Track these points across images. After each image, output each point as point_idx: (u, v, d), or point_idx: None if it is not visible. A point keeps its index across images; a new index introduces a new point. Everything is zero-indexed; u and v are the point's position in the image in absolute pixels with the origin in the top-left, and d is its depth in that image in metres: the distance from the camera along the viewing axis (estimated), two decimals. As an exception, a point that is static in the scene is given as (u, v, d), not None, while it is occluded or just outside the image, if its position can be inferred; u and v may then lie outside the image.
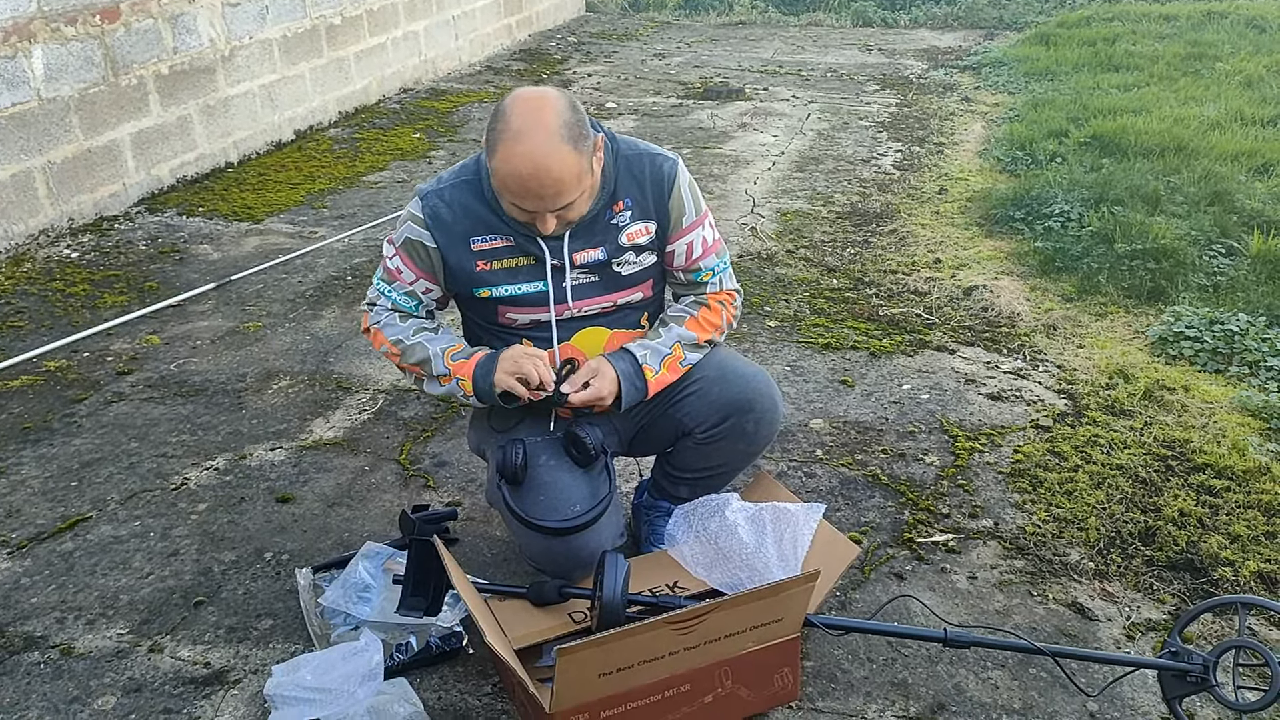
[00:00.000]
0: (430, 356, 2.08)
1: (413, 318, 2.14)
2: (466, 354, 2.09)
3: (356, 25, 6.33)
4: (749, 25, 9.84)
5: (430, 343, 2.10)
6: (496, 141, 1.86)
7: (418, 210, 2.06)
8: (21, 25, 4.11)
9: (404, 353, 2.11)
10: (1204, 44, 7.64)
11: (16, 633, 2.19)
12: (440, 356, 2.08)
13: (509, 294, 2.07)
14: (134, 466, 2.80)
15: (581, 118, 1.90)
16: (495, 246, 2.04)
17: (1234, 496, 2.63)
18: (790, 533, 2.10)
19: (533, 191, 1.87)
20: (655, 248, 2.12)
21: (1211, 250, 4.10)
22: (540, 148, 1.83)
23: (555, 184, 1.87)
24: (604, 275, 2.09)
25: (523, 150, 1.83)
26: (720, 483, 2.32)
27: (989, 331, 3.59)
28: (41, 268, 4.09)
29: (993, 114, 6.49)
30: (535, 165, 1.84)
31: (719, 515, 2.15)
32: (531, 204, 1.90)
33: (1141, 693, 2.05)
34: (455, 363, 2.07)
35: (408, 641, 2.08)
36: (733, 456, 2.23)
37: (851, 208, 4.86)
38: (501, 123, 1.86)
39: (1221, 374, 3.27)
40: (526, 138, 1.84)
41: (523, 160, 1.84)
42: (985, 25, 9.63)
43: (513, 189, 1.88)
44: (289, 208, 4.82)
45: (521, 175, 1.85)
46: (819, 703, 2.02)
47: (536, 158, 1.84)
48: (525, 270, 2.05)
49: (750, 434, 2.17)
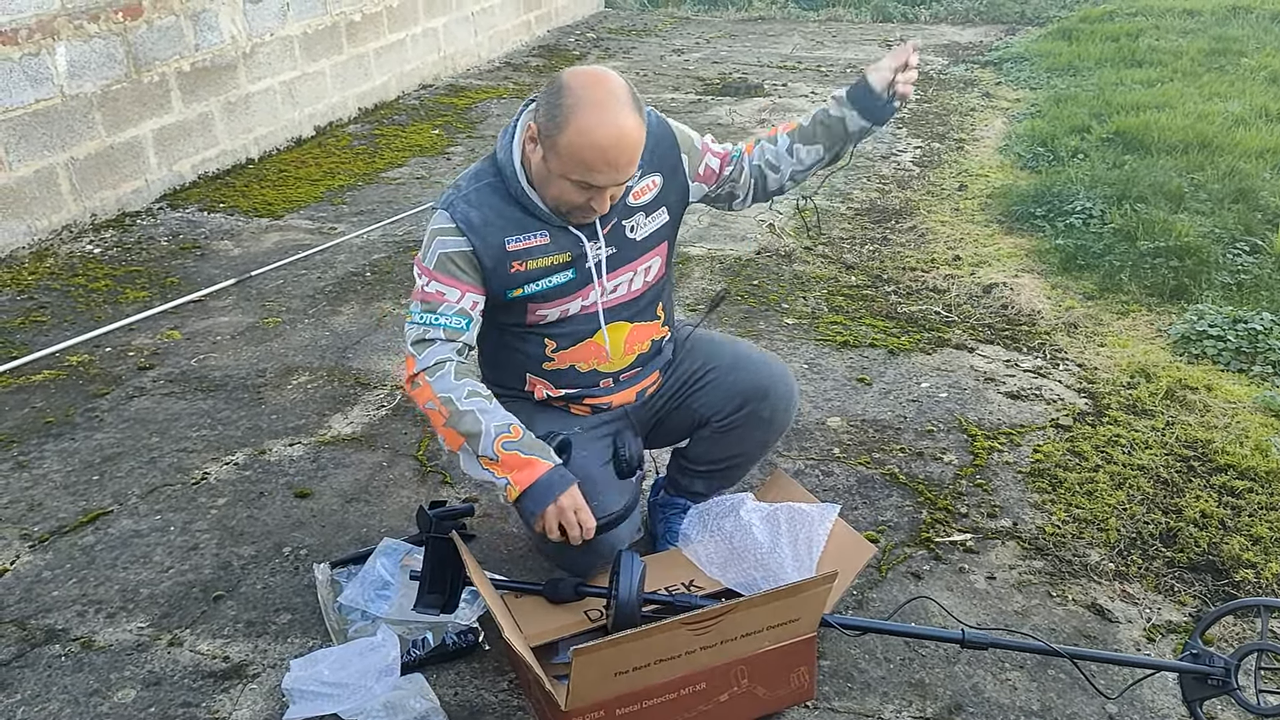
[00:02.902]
0: (481, 433, 1.91)
1: (466, 376, 1.97)
2: (521, 448, 1.92)
3: (376, 22, 6.35)
4: (768, 20, 9.80)
5: (484, 417, 1.92)
6: (569, 114, 1.79)
7: (446, 222, 1.97)
8: (45, 22, 4.14)
9: (452, 415, 1.93)
10: (1228, 39, 7.55)
11: (38, 625, 2.21)
12: (491, 439, 1.91)
13: (540, 289, 2.03)
14: (155, 461, 2.82)
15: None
16: (531, 245, 1.99)
17: (1256, 498, 2.60)
18: (805, 533, 2.09)
19: (612, 162, 1.82)
20: (664, 201, 2.09)
21: (1235, 248, 4.05)
22: (620, 115, 1.80)
23: (632, 152, 1.84)
24: (620, 243, 2.06)
25: (604, 119, 1.79)
26: (736, 474, 2.32)
27: (1009, 329, 3.57)
28: (64, 263, 4.13)
29: (1014, 110, 6.45)
30: (619, 133, 1.80)
31: (734, 515, 2.15)
32: (606, 176, 1.84)
33: (1161, 695, 2.03)
34: (507, 454, 1.90)
35: (424, 637, 2.09)
36: (749, 445, 2.23)
37: (870, 204, 4.84)
38: (569, 97, 1.80)
39: (1244, 374, 3.24)
40: (605, 107, 1.79)
41: (606, 129, 1.79)
42: (1007, 20, 9.55)
43: (591, 161, 1.81)
44: (309, 204, 4.84)
45: (603, 146, 1.80)
46: (835, 702, 2.01)
47: (619, 125, 1.80)
48: (557, 265, 2.02)
49: (767, 420, 2.17)
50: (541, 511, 1.91)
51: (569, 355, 2.12)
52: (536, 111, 1.88)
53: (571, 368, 2.14)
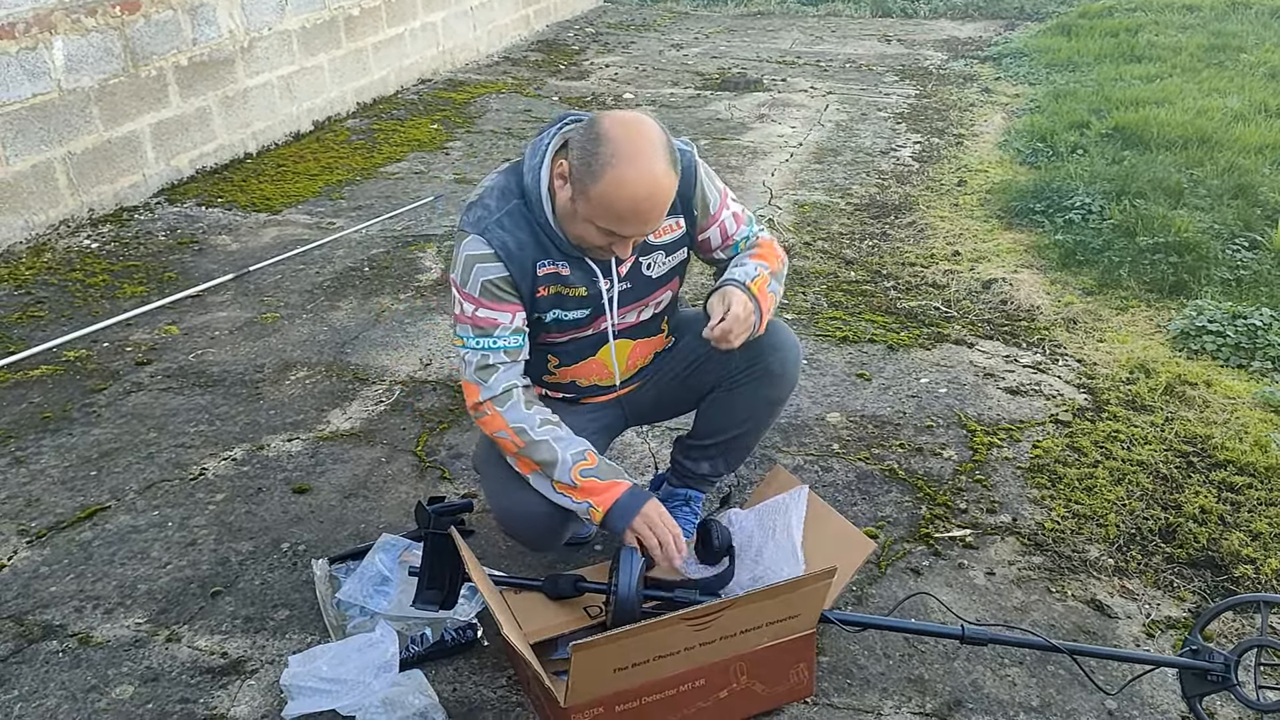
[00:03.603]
0: (558, 462, 1.95)
1: (536, 404, 2.00)
2: (598, 474, 1.96)
3: (375, 16, 6.33)
4: (767, 15, 9.78)
5: (559, 446, 1.96)
6: (604, 165, 1.78)
7: (483, 248, 1.95)
8: (43, 16, 4.13)
9: (527, 445, 1.96)
10: (1228, 35, 7.54)
11: (35, 621, 2.21)
12: (569, 467, 1.95)
13: (555, 318, 2.05)
14: (152, 456, 2.81)
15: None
16: (556, 272, 2.00)
17: (1256, 494, 2.60)
18: (782, 523, 2.12)
19: (643, 215, 1.82)
20: (684, 243, 2.12)
21: (1234, 244, 4.05)
22: (654, 168, 1.79)
23: (662, 206, 1.85)
24: (636, 280, 2.08)
25: (639, 173, 1.78)
26: (743, 446, 2.31)
27: (1008, 325, 3.56)
28: (62, 258, 4.12)
29: (1013, 105, 6.44)
30: (652, 188, 1.80)
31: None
32: (634, 228, 1.85)
33: (1161, 691, 2.03)
34: (586, 480, 1.95)
35: (423, 633, 2.09)
36: (758, 406, 2.22)
37: (869, 199, 4.83)
38: (607, 146, 1.78)
39: (1244, 369, 3.24)
40: (642, 159, 1.78)
41: (640, 185, 1.78)
42: (1006, 15, 9.54)
43: (622, 213, 1.81)
44: (307, 199, 4.83)
45: (636, 199, 1.80)
46: (835, 698, 2.01)
47: (653, 180, 1.80)
48: (573, 298, 2.03)
49: (777, 375, 2.17)
50: (627, 527, 1.95)
51: (570, 372, 2.15)
52: (571, 152, 1.86)
53: (573, 382, 2.18)
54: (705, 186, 2.08)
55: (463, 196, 4.75)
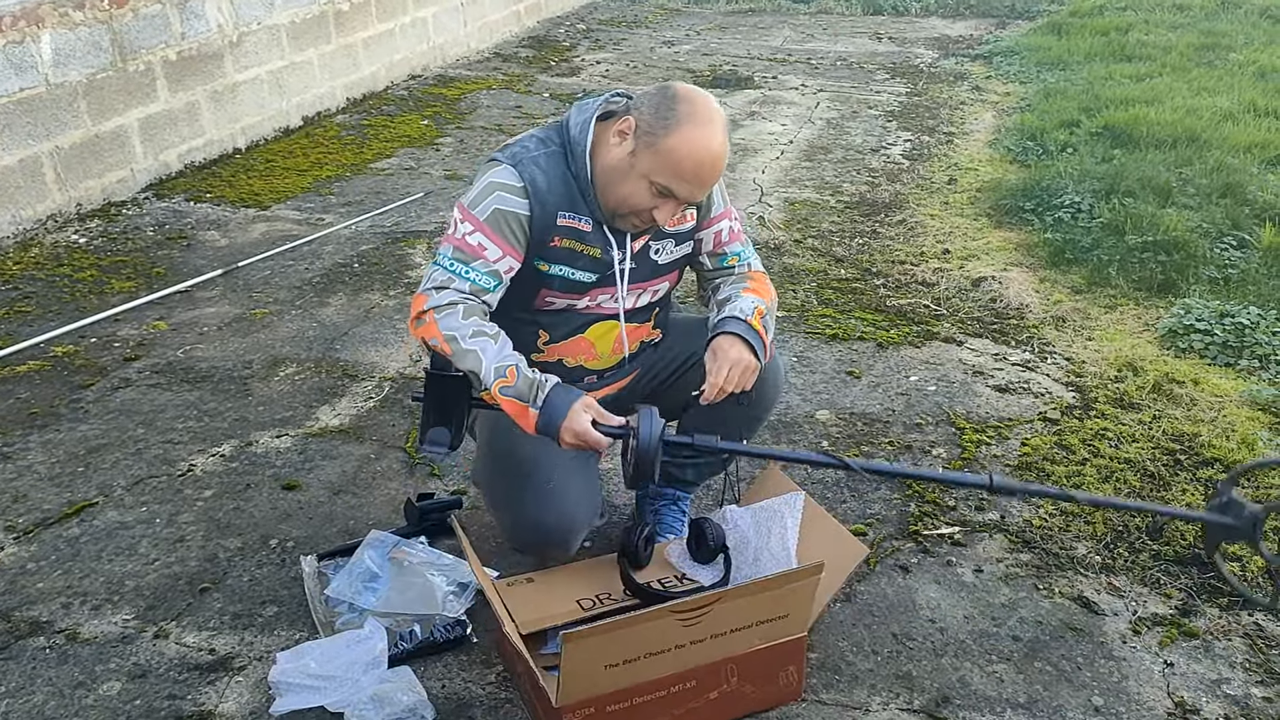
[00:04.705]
0: (480, 374, 1.88)
1: (474, 315, 1.92)
2: (518, 395, 1.88)
3: (365, 11, 6.31)
4: (758, 13, 9.78)
5: (485, 357, 1.88)
6: (680, 121, 1.85)
7: (512, 179, 1.94)
8: (30, 10, 4.10)
9: (455, 355, 1.90)
10: (1217, 34, 7.57)
11: (22, 617, 2.20)
12: (491, 382, 1.88)
13: (561, 275, 2.03)
14: (140, 453, 2.80)
15: None
16: (577, 227, 1.99)
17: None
18: (778, 528, 2.12)
19: (702, 178, 1.89)
20: (691, 236, 2.14)
21: (1223, 243, 4.07)
22: (720, 137, 1.88)
23: (717, 177, 1.92)
24: (643, 263, 2.08)
25: (711, 136, 1.86)
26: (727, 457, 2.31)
27: (997, 323, 3.57)
28: (49, 253, 4.09)
29: (1003, 103, 6.45)
30: (717, 154, 1.88)
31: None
32: (687, 190, 1.89)
33: (1147, 688, 2.04)
34: (506, 399, 1.88)
35: (412, 630, 2.09)
36: (738, 424, 2.21)
37: (860, 197, 4.84)
38: (683, 105, 1.87)
39: (1231, 367, 3.25)
40: (714, 125, 1.87)
41: (709, 146, 1.86)
42: (997, 14, 9.56)
43: (684, 170, 1.87)
44: (296, 194, 4.81)
45: (701, 160, 1.86)
46: (823, 695, 2.01)
47: (720, 147, 1.88)
48: (586, 257, 2.03)
49: (755, 399, 2.16)
50: (559, 439, 1.88)
51: (559, 349, 2.13)
52: (639, 110, 1.91)
53: (560, 362, 2.15)
54: (717, 189, 2.13)
55: (453, 193, 4.74)
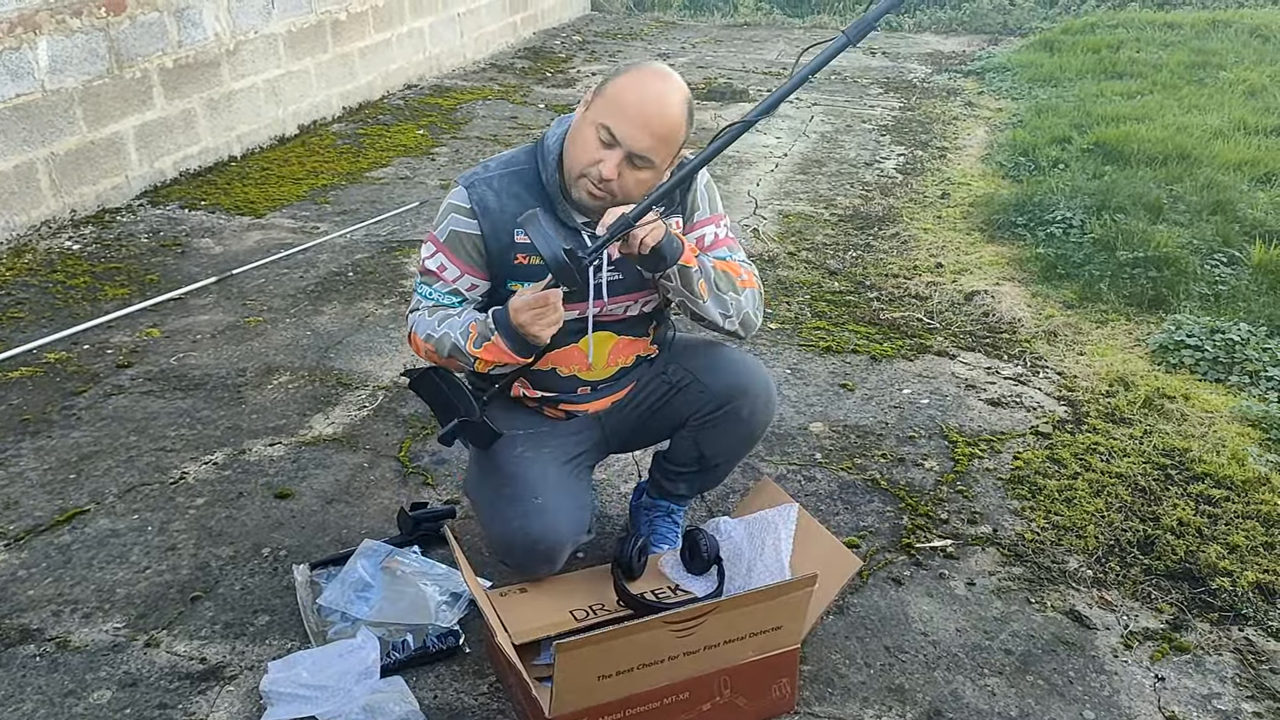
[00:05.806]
0: (462, 348, 1.98)
1: (439, 311, 2.04)
2: (484, 337, 1.96)
3: (362, 21, 6.33)
4: (753, 26, 9.83)
5: (453, 330, 1.99)
6: (629, 70, 1.93)
7: (462, 200, 2.04)
8: (27, 16, 4.11)
9: (436, 346, 2.01)
10: (1208, 52, 7.63)
11: (12, 625, 2.19)
12: (464, 344, 1.97)
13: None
14: (133, 460, 2.79)
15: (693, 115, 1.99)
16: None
17: (1233, 506, 2.63)
18: (771, 540, 2.12)
19: (645, 117, 1.89)
20: None
21: (1213, 259, 4.09)
22: (670, 91, 1.92)
23: (661, 124, 1.91)
24: (628, 271, 2.08)
25: (657, 85, 1.91)
26: (718, 475, 2.32)
27: (990, 337, 3.59)
28: (43, 259, 4.09)
29: (996, 119, 6.49)
30: (663, 101, 1.91)
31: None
32: (629, 129, 1.89)
33: (1138, 702, 2.05)
34: (480, 351, 1.97)
35: (404, 639, 2.08)
36: (729, 444, 2.23)
37: (854, 211, 4.86)
38: (639, 64, 1.97)
39: (1222, 383, 3.27)
40: (663, 80, 1.93)
41: (653, 90, 1.91)
42: (990, 30, 9.62)
43: (625, 106, 1.89)
44: (291, 202, 4.81)
45: (644, 99, 1.90)
46: (816, 707, 2.01)
47: (666, 96, 1.91)
48: None
49: (746, 419, 2.18)
50: (523, 334, 1.91)
51: (551, 358, 2.13)
52: None
53: (553, 370, 2.15)
54: (700, 194, 2.14)
55: (448, 202, 4.74)
